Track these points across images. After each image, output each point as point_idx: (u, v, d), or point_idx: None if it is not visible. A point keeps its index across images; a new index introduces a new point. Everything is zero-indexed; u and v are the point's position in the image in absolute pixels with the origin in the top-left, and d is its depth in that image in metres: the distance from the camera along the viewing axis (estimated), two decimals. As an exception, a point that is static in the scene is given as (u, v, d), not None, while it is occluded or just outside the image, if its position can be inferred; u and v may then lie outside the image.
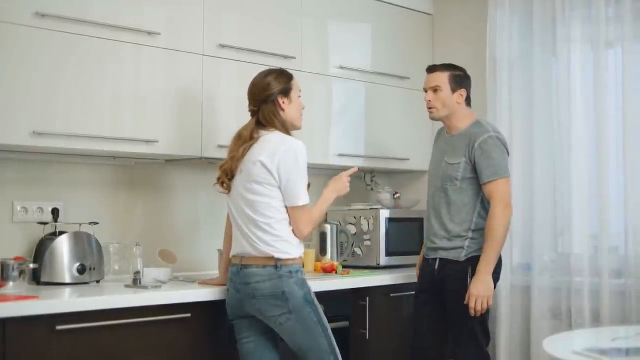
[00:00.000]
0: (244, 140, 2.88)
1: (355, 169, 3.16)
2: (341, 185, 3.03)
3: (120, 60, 3.10)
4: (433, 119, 3.41)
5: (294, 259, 2.86)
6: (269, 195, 2.83)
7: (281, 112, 2.91)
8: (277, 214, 2.84)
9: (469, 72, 3.94)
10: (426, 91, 3.37)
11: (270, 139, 2.87)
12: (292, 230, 2.86)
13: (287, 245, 2.85)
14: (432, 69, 3.39)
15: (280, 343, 2.97)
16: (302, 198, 2.84)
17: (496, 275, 3.29)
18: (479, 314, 3.15)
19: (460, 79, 3.34)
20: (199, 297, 2.93)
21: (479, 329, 3.22)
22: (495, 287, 3.31)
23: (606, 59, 3.57)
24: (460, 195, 3.26)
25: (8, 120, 2.82)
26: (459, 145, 3.29)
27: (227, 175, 2.90)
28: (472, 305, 3.13)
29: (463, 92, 3.33)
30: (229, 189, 2.91)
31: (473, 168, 3.23)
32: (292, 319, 2.81)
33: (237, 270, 2.87)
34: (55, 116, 2.92)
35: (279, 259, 2.82)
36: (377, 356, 3.52)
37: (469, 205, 3.25)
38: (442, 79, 3.32)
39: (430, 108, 3.35)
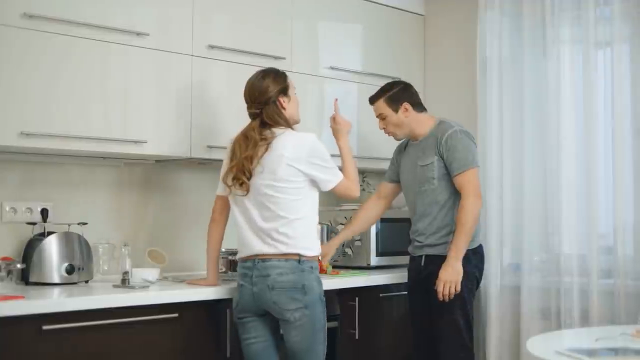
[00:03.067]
0: (255, 141, 2.91)
1: (335, 100, 3.37)
2: (342, 125, 3.24)
3: (109, 60, 3.11)
4: (398, 140, 3.54)
5: (314, 256, 2.93)
6: (295, 193, 2.89)
7: (283, 111, 2.98)
8: (301, 211, 2.90)
9: (461, 72, 3.99)
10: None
11: (286, 138, 2.92)
12: (346, 199, 3.08)
13: (309, 242, 2.92)
14: (371, 101, 3.51)
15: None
16: (337, 175, 2.99)
17: (479, 271, 3.37)
18: (447, 299, 3.20)
19: (396, 95, 3.43)
20: (186, 297, 2.93)
21: (463, 324, 3.27)
22: (478, 287, 3.42)
23: (595, 59, 3.57)
24: (439, 193, 3.33)
25: (-4, 120, 2.83)
26: (428, 147, 3.37)
27: (245, 175, 2.89)
28: (439, 289, 3.20)
29: (406, 105, 3.41)
30: (247, 190, 2.91)
31: (445, 165, 3.31)
32: (306, 315, 2.85)
33: (251, 264, 2.88)
34: (43, 117, 2.93)
35: (302, 255, 2.86)
36: (366, 356, 3.52)
37: (449, 201, 3.32)
38: (381, 106, 3.45)
39: (388, 134, 3.49)
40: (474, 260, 3.33)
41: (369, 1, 4.07)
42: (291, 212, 2.87)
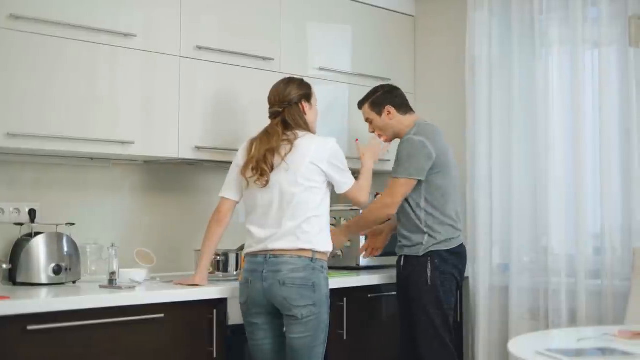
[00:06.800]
0: (277, 135, 2.96)
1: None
2: (374, 152, 3.37)
3: (96, 61, 3.11)
4: (388, 142, 3.56)
5: (326, 252, 2.98)
6: (316, 192, 2.96)
7: (304, 115, 3.05)
8: (318, 209, 2.97)
9: (451, 73, 4.01)
10: None
11: (310, 139, 3.00)
12: (355, 204, 3.21)
13: (323, 239, 2.97)
14: (358, 106, 3.59)
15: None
16: (352, 179, 3.10)
17: (457, 271, 3.39)
18: None
19: (378, 99, 3.50)
20: (172, 298, 2.94)
21: (440, 323, 3.29)
22: (458, 286, 3.46)
23: (583, 59, 3.58)
24: (408, 195, 3.36)
25: (-18, 122, 2.83)
26: None
27: (266, 165, 2.93)
28: None
29: (388, 108, 3.48)
30: (267, 182, 2.94)
31: None
32: (314, 313, 2.88)
33: (263, 260, 2.90)
34: (30, 117, 2.94)
35: (316, 252, 2.91)
36: (355, 356, 3.52)
37: (413, 204, 3.36)
38: (366, 111, 3.53)
39: (378, 136, 3.54)
40: (452, 260, 3.35)
41: (358, 2, 4.07)
42: (310, 210, 2.93)
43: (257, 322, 2.96)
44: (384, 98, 3.48)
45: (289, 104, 3.03)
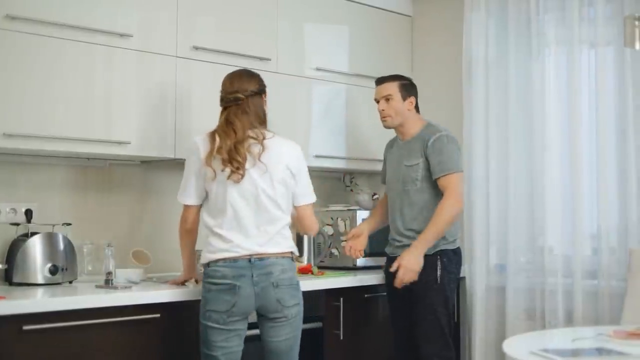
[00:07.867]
0: (242, 131, 2.81)
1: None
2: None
3: (92, 61, 3.12)
4: (387, 127, 3.53)
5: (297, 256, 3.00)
6: (289, 197, 2.92)
7: (264, 108, 2.95)
8: (289, 216, 2.94)
9: (448, 73, 4.00)
10: (378, 102, 3.50)
11: (280, 140, 2.90)
12: (304, 227, 3.04)
13: (293, 243, 2.96)
14: (381, 81, 3.53)
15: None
16: (313, 197, 3.02)
17: (458, 272, 3.41)
18: (401, 285, 3.27)
19: (408, 87, 3.50)
20: (168, 298, 2.94)
21: (445, 323, 3.31)
22: (457, 286, 3.47)
23: (580, 60, 3.59)
24: (421, 194, 3.38)
25: (-22, 122, 2.84)
26: (414, 148, 3.42)
27: (240, 156, 2.77)
28: (400, 274, 3.25)
29: (412, 99, 3.48)
30: (242, 175, 2.78)
31: (429, 167, 3.36)
32: (299, 312, 2.89)
33: (247, 264, 2.79)
34: (27, 118, 2.94)
35: (294, 253, 2.93)
36: (351, 356, 3.53)
37: (430, 202, 3.36)
38: (393, 88, 3.47)
39: (384, 117, 3.48)
40: (455, 260, 3.38)
41: (355, 2, 4.07)
42: (286, 214, 2.91)
43: (239, 328, 2.82)
44: (413, 88, 3.52)
45: (251, 94, 2.88)
